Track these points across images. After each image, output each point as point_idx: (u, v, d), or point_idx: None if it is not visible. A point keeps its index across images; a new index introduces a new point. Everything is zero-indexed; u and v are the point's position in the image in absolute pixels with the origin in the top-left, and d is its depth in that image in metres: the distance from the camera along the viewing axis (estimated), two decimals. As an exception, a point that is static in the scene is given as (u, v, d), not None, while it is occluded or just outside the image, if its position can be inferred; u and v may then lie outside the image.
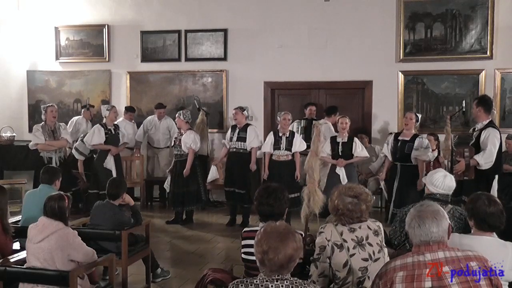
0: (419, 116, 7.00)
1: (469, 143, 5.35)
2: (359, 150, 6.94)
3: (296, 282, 2.37)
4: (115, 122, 7.71)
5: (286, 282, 2.35)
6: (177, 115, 7.40)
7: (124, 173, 7.91)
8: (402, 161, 6.54)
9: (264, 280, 2.36)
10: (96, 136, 7.32)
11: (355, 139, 7.03)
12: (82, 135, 7.86)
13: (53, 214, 3.65)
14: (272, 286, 2.34)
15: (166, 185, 7.63)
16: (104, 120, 7.53)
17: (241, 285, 2.40)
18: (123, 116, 8.62)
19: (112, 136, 7.43)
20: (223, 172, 7.69)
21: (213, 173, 7.90)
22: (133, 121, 8.68)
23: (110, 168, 7.27)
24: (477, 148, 5.25)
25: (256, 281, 2.38)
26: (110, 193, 4.72)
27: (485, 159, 5.13)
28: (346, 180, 6.71)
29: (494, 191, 5.15)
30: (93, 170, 7.47)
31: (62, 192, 3.92)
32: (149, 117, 8.68)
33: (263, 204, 3.20)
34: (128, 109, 8.73)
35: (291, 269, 2.40)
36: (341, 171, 6.89)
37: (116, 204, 4.71)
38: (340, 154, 6.94)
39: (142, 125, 8.59)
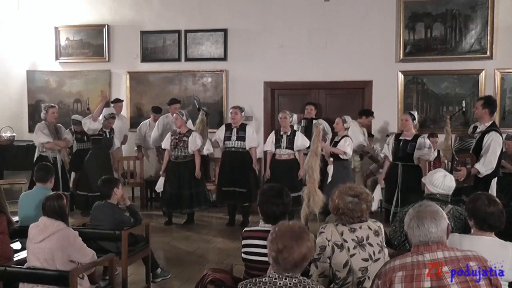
0: (415, 114, 6.95)
1: (469, 148, 5.31)
2: (341, 144, 6.80)
3: (304, 281, 2.37)
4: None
5: (295, 280, 2.35)
6: (179, 114, 7.25)
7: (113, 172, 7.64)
8: (404, 161, 6.52)
9: (273, 278, 2.36)
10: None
11: (344, 138, 6.87)
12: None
13: (53, 214, 3.65)
14: (280, 283, 2.34)
15: (159, 187, 7.42)
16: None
17: (250, 285, 2.40)
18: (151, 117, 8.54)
19: (107, 140, 7.42)
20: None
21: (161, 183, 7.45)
22: (156, 122, 8.36)
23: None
24: (478, 150, 5.23)
25: (265, 280, 2.38)
26: (103, 193, 4.71)
27: (486, 167, 5.10)
28: (330, 179, 6.70)
29: (493, 192, 5.14)
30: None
31: (59, 192, 3.93)
32: (161, 117, 8.35)
33: (272, 204, 3.18)
34: (154, 110, 8.60)
35: (303, 268, 2.41)
36: (330, 170, 6.88)
37: (114, 203, 4.70)
38: (331, 153, 6.95)
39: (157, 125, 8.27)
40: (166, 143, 7.31)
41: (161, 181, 7.40)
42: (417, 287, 2.31)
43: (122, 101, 8.82)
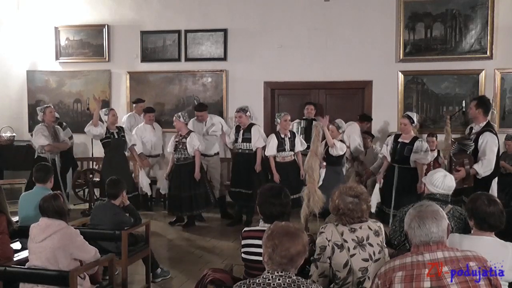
0: (414, 116, 6.91)
1: (467, 150, 5.30)
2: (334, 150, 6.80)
3: (298, 281, 2.38)
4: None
5: (289, 280, 2.36)
6: (175, 117, 7.23)
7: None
8: (400, 163, 6.52)
9: (267, 279, 2.38)
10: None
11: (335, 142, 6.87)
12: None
13: (53, 214, 3.65)
14: (274, 283, 2.35)
15: (164, 189, 7.51)
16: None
17: (244, 286, 2.40)
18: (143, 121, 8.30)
19: (116, 141, 7.25)
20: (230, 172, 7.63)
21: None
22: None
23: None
24: (475, 151, 5.22)
25: (259, 281, 2.39)
26: (110, 192, 4.74)
27: (484, 168, 5.09)
28: (321, 183, 6.61)
29: (494, 192, 5.13)
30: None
31: (55, 192, 3.94)
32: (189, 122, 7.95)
33: (270, 204, 3.20)
34: (147, 111, 8.32)
35: (297, 266, 2.44)
36: (321, 173, 6.81)
37: (117, 204, 4.72)
38: (324, 156, 6.93)
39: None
40: (170, 146, 7.35)
41: (165, 184, 7.42)
42: (416, 287, 2.31)
43: (144, 101, 8.73)
